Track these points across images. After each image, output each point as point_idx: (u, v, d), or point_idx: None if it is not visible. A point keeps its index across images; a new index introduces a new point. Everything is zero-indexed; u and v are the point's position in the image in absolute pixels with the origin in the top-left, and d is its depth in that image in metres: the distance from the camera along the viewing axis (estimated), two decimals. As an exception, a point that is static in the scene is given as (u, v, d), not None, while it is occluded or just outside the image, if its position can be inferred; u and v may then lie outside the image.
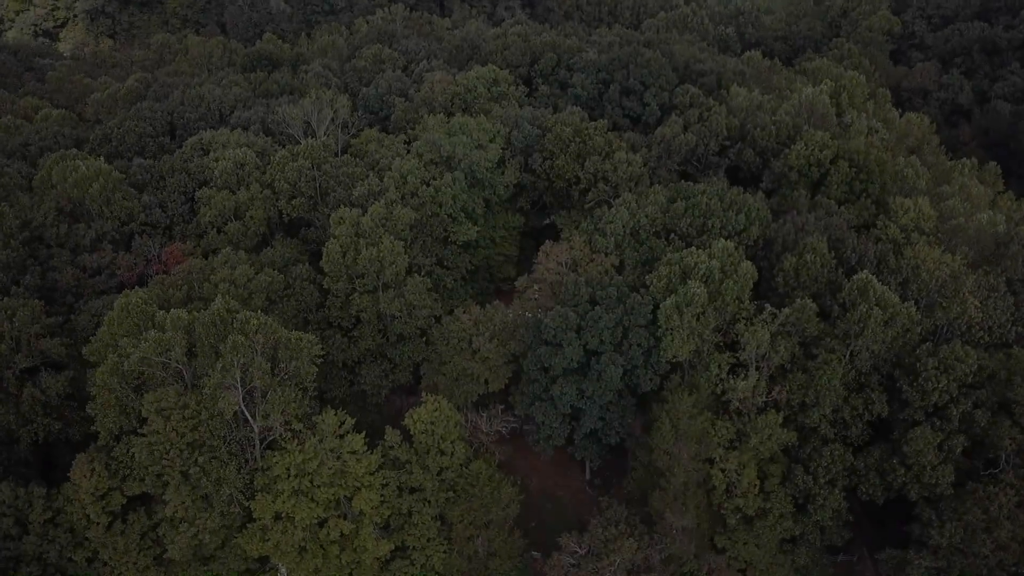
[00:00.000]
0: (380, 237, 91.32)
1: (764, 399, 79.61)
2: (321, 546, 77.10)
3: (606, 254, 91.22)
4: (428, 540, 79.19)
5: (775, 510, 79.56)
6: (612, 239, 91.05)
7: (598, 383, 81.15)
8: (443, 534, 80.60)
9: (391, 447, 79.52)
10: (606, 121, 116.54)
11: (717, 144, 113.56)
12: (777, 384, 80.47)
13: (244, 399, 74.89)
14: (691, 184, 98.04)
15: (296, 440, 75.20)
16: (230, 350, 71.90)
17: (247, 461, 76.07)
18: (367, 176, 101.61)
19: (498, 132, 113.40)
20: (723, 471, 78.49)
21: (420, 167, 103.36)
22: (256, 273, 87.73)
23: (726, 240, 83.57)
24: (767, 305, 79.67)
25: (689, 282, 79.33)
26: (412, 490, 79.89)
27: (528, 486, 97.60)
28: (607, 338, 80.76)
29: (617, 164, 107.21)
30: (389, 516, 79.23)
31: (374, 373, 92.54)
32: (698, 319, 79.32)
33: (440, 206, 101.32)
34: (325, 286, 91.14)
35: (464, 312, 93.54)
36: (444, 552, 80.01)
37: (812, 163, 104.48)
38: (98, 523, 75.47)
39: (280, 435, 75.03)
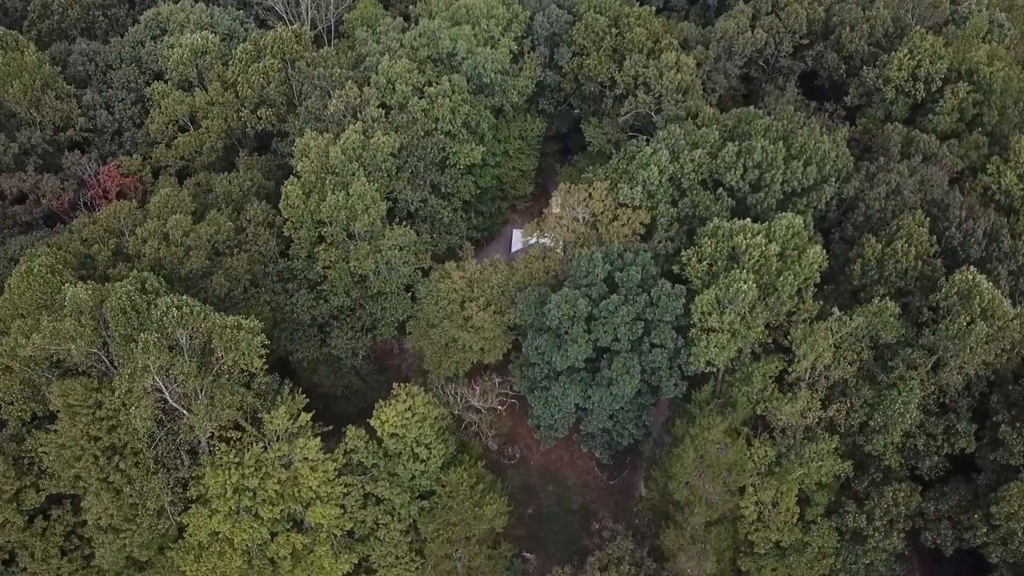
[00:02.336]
0: (353, 174, 73.17)
1: (817, 417, 63.30)
2: (271, 560, 65.93)
3: (633, 208, 72.14)
4: (397, 558, 67.35)
5: (815, 544, 65.47)
6: (643, 189, 71.52)
7: (608, 390, 65.28)
8: (415, 547, 68.61)
9: (353, 451, 66.09)
10: (653, 6, 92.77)
11: (792, 43, 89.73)
12: (836, 400, 63.81)
13: (173, 395, 61.28)
14: (751, 111, 76.22)
15: (234, 451, 61.97)
16: (142, 352, 57.20)
17: (179, 466, 63.41)
18: (345, 84, 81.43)
19: (515, 17, 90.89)
20: (756, 502, 63.88)
21: (412, 69, 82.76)
22: (196, 223, 71.01)
23: (792, 215, 63.52)
24: (835, 309, 61.21)
25: (736, 271, 60.90)
26: (379, 500, 67.23)
27: (527, 462, 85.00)
28: (623, 334, 63.86)
29: (663, 68, 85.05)
30: (352, 528, 67.12)
31: (345, 336, 77.55)
32: (743, 319, 61.67)
33: (436, 121, 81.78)
34: (286, 233, 74.48)
35: (456, 267, 76.56)
36: (416, 570, 68.30)
37: (918, 78, 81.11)
38: (13, 523, 64.64)
39: (214, 446, 61.84)
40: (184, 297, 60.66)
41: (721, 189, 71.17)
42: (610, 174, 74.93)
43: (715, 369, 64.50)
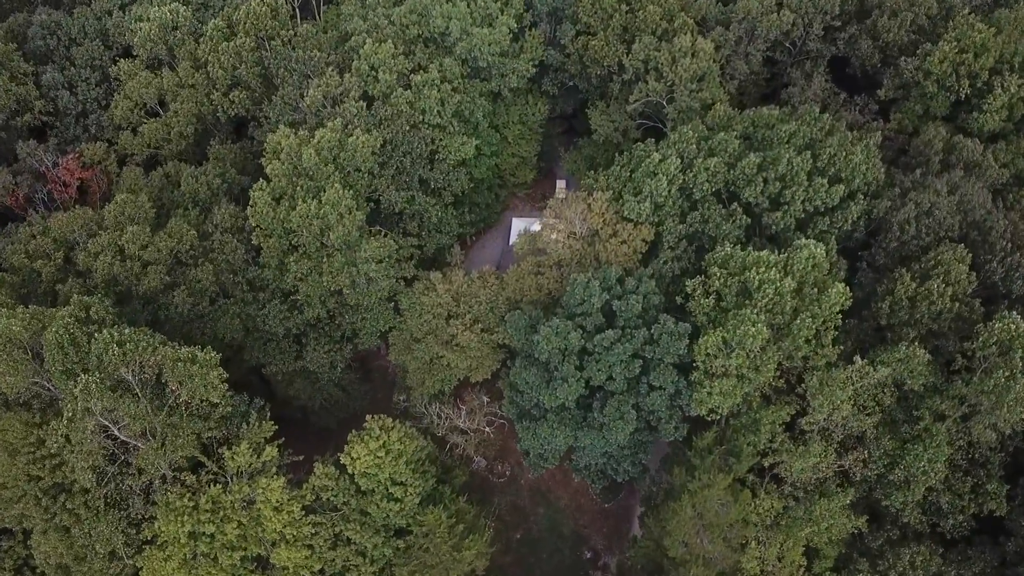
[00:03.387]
0: (328, 178, 66.25)
1: (831, 468, 57.21)
2: (234, 601, 61.47)
3: (636, 223, 64.93)
4: (369, 601, 62.75)
5: (822, 599, 60.26)
6: (650, 202, 64.18)
7: (600, 433, 59.31)
8: (390, 588, 63.98)
9: (323, 489, 60.88)
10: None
11: (822, 26, 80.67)
12: (852, 449, 57.59)
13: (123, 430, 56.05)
14: (768, 113, 67.71)
15: (189, 494, 56.83)
16: (81, 394, 51.64)
17: (131, 505, 58.46)
18: (325, 70, 73.73)
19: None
20: (760, 559, 58.33)
21: (398, 54, 74.76)
22: (160, 226, 64.32)
23: (815, 245, 55.94)
24: (857, 358, 54.42)
25: (747, 310, 53.97)
26: (350, 540, 62.27)
27: (518, 480, 79.71)
28: (619, 373, 57.53)
29: (676, 54, 76.67)
30: (322, 568, 62.40)
31: (322, 350, 71.71)
32: (751, 362, 55.05)
33: (423, 114, 74.25)
34: (254, 241, 68.00)
35: (442, 279, 69.96)
36: (390, 613, 63.81)
37: (961, 74, 72.28)
38: (-40, 557, 60.56)
39: (167, 490, 56.71)
40: (128, 331, 54.64)
41: (736, 205, 63.64)
42: (612, 182, 67.47)
43: (719, 415, 58.17)
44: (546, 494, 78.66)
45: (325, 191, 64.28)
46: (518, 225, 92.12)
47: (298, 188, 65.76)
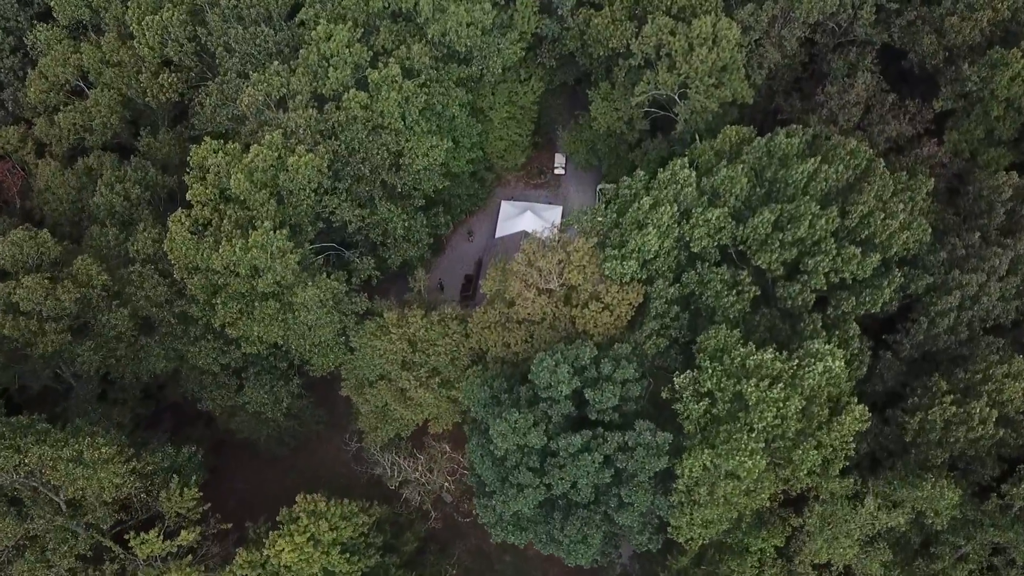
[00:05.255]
0: (263, 205, 55.65)
1: (827, 597, 49.10)
2: None
3: (621, 284, 54.04)
4: None
5: None
6: (638, 259, 53.10)
7: (559, 548, 50.98)
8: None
9: (245, 578, 54.02)
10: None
11: (873, 8, 66.28)
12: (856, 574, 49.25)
13: None
14: (793, 140, 54.54)
15: (88, 593, 50.19)
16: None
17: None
18: (272, 61, 61.42)
19: (505, -50, 68.18)
20: None
21: (354, 42, 61.96)
22: (56, 278, 54.26)
23: (832, 353, 44.90)
24: (868, 499, 44.82)
25: (741, 434, 44.06)
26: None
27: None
28: (584, 483, 48.55)
29: (694, 40, 63.47)
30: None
31: (263, 389, 63.17)
32: (743, 488, 45.84)
33: (382, 116, 62.37)
34: (176, 276, 58.18)
35: (397, 320, 59.70)
36: None
37: (1038, 90, 58.81)
38: None
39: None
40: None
41: (746, 272, 52.30)
42: (594, 223, 56.07)
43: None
44: (515, 538, 71.53)
45: (255, 231, 53.71)
46: (507, 211, 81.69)
47: (225, 218, 55.34)
